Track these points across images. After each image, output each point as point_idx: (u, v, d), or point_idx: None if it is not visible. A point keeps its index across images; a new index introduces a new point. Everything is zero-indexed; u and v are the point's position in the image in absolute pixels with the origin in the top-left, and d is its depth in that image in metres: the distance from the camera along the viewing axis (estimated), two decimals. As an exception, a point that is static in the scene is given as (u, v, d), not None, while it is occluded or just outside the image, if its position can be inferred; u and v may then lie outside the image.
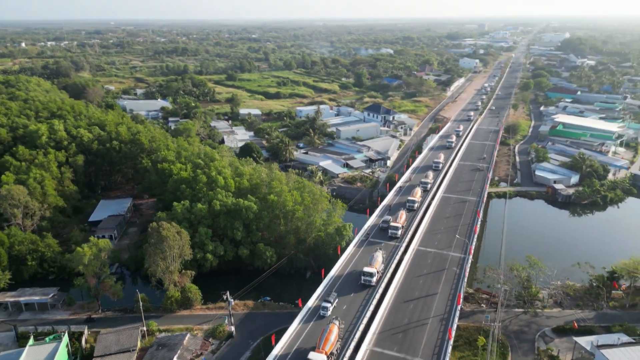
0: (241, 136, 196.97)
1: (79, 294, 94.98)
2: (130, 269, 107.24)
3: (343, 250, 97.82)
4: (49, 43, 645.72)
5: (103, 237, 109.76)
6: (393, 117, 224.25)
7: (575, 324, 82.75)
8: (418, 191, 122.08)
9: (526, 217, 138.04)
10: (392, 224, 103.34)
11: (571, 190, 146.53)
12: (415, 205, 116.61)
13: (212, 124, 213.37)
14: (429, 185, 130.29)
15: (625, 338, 74.77)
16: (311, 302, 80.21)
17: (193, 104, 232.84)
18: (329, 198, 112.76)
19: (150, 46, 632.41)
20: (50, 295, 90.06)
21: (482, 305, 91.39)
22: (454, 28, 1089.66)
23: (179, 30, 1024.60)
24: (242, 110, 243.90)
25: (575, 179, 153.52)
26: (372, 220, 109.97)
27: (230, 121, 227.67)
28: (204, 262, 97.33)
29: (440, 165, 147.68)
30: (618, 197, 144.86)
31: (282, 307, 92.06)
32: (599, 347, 71.51)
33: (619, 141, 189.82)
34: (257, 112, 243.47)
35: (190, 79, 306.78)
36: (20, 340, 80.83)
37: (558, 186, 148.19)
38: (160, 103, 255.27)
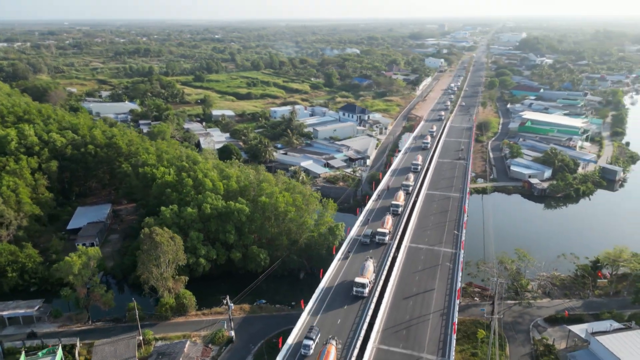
0: (217, 138, 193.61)
1: (65, 305, 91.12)
2: (117, 277, 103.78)
3: (337, 250, 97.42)
4: (0, 44, 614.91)
5: (84, 245, 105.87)
6: (368, 117, 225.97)
7: (567, 313, 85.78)
8: (401, 195, 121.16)
9: (506, 212, 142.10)
10: (379, 230, 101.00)
11: (546, 184, 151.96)
12: (400, 209, 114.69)
13: (186, 126, 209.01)
14: (411, 188, 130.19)
15: (616, 324, 77.89)
16: (293, 336, 71.42)
17: (164, 106, 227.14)
18: (319, 198, 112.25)
19: (110, 47, 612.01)
20: (36, 308, 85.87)
21: (476, 298, 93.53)
22: (415, 28, 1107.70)
23: (139, 31, 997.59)
24: (215, 112, 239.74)
25: (548, 173, 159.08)
26: (355, 230, 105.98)
27: (203, 123, 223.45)
28: (197, 267, 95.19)
29: (419, 167, 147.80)
30: (589, 190, 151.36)
31: (279, 309, 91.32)
32: (594, 334, 74.45)
33: (584, 136, 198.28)
34: (231, 113, 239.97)
35: (157, 80, 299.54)
36: (7, 357, 76.87)
37: (533, 180, 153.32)
38: (128, 105, 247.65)
